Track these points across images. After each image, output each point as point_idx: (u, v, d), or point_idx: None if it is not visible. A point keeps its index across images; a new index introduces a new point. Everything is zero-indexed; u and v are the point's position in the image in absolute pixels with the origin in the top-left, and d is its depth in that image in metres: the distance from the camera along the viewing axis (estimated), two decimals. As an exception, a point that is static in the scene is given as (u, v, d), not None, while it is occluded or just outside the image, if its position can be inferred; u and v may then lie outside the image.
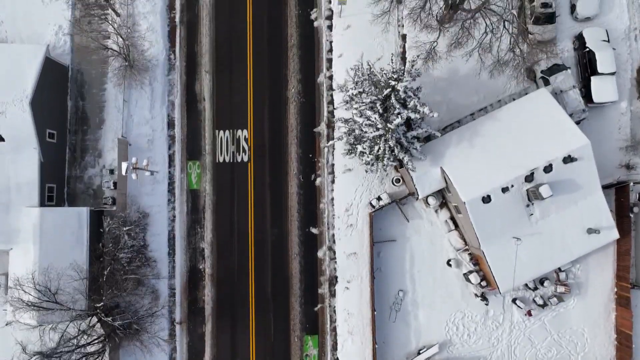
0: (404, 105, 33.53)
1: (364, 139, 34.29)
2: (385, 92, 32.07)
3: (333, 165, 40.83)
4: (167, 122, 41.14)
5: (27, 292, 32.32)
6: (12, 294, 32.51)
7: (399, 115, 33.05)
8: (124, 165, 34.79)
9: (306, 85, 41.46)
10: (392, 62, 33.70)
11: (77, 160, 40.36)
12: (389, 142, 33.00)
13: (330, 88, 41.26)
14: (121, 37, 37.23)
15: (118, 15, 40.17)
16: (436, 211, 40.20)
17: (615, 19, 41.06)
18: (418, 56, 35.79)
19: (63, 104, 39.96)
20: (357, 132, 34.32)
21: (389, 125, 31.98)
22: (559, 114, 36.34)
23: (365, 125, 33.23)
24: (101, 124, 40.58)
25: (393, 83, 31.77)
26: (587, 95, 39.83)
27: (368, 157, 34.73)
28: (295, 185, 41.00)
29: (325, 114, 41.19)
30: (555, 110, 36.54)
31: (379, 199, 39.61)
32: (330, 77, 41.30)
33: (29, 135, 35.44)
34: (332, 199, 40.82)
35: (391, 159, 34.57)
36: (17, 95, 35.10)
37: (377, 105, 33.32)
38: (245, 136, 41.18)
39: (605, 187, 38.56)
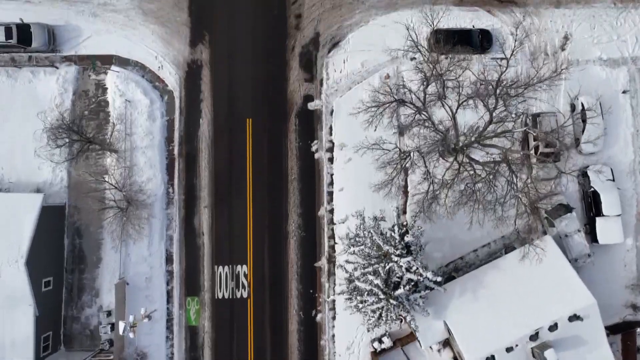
0: (407, 268, 32.95)
1: (366, 302, 33.63)
2: (388, 265, 31.49)
3: (334, 301, 40.14)
4: (166, 258, 40.51)
5: None
6: None
7: (401, 281, 32.55)
8: (121, 325, 34.48)
9: (306, 219, 40.86)
10: (394, 232, 32.99)
11: (73, 300, 39.67)
12: (391, 314, 32.37)
13: (331, 222, 40.68)
14: (118, 189, 36.69)
15: (115, 151, 39.63)
16: (439, 350, 39.46)
17: (620, 153, 40.62)
18: (420, 211, 35.08)
19: (60, 244, 39.34)
20: (358, 298, 33.63)
21: (391, 300, 31.35)
22: (565, 267, 35.86)
23: (368, 294, 32.62)
24: (98, 263, 39.92)
25: (396, 259, 31.17)
26: (591, 232, 39.32)
27: (370, 319, 34.06)
28: (296, 322, 40.31)
29: (326, 248, 40.58)
30: (561, 262, 36.05)
31: (380, 341, 38.87)
32: (331, 211, 40.72)
33: (24, 293, 34.80)
34: (333, 335, 40.13)
35: (394, 320, 33.99)
36: (13, 256, 34.51)
37: (380, 270, 32.76)
38: (244, 272, 40.54)
39: (610, 329, 38.08)
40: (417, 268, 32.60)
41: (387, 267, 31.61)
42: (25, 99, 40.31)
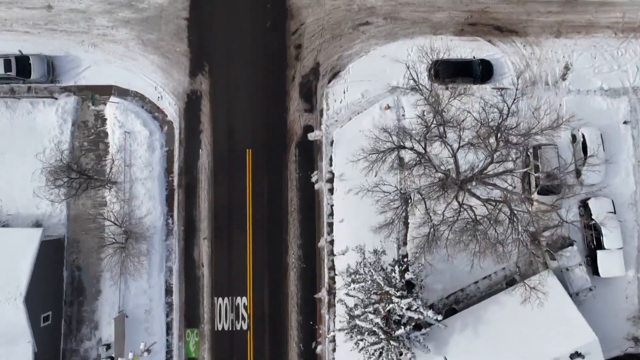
0: (408, 307, 32.83)
1: (365, 341, 33.49)
2: (389, 306, 31.35)
3: (334, 333, 39.94)
4: (165, 289, 40.33)
5: None
6: None
7: (401, 319, 32.43)
8: (121, 363, 34.23)
9: (306, 250, 40.70)
10: (395, 271, 32.85)
11: (72, 333, 39.49)
12: (392, 354, 32.21)
13: (331, 253, 40.54)
14: (117, 225, 36.56)
15: (115, 183, 39.49)
16: (440, 384, 39.24)
17: (621, 184, 40.41)
18: (422, 249, 34.82)
19: (59, 276, 39.16)
20: (358, 336, 33.48)
21: (392, 342, 31.21)
22: (566, 303, 35.70)
23: (368, 334, 32.47)
24: (97, 295, 39.73)
25: (396, 300, 31.04)
26: (593, 264, 39.13)
27: (370, 357, 33.87)
28: (296, 354, 40.11)
29: (326, 279, 40.42)
30: (562, 298, 35.85)
31: (381, 375, 38.68)
32: (331, 242, 40.59)
33: (23, 330, 34.57)
34: (333, 368, 40.00)
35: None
36: (11, 293, 34.30)
37: (380, 308, 32.63)
38: (244, 303, 40.37)
39: (613, 362, 38.01)
40: (418, 307, 32.47)
41: (388, 308, 31.47)
42: (24, 130, 40.16)
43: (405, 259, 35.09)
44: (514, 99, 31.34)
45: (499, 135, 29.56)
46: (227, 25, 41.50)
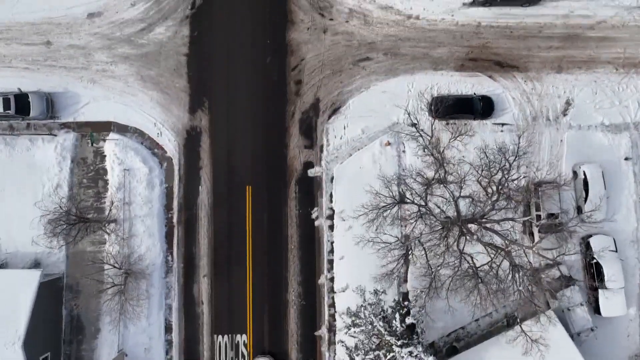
0: (409, 354, 32.68)
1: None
2: (390, 355, 31.20)
3: (334, 371, 39.86)
4: (165, 327, 40.13)
5: None
6: None
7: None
8: (120, 406, 34.01)
9: (307, 287, 40.52)
10: (395, 318, 32.68)
11: (72, 373, 39.42)
12: (392, 401, 32.11)
13: (332, 290, 40.35)
14: (117, 268, 36.39)
15: (114, 221, 39.34)
16: None
17: (623, 221, 40.22)
18: (422, 291, 34.74)
19: (58, 315, 38.99)
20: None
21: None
22: (568, 347, 35.44)
23: (369, 381, 32.39)
24: (97, 334, 39.55)
25: (397, 349, 30.89)
26: (594, 302, 38.94)
27: (371, 403, 33.76)
28: (296, 392, 40.02)
29: (327, 317, 40.24)
30: (563, 341, 35.62)
31: (381, 414, 38.50)
32: (332, 279, 40.41)
33: (22, 375, 34.42)
34: (334, 406, 39.80)
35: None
36: (9, 338, 34.08)
37: (381, 355, 32.48)
38: (244, 341, 40.19)
39: (614, 401, 37.73)
40: (419, 354, 32.32)
41: (389, 357, 31.32)
42: (23, 168, 40.04)
43: (406, 302, 34.90)
44: (516, 157, 31.23)
45: (499, 188, 29.45)
46: (227, 60, 41.37)
